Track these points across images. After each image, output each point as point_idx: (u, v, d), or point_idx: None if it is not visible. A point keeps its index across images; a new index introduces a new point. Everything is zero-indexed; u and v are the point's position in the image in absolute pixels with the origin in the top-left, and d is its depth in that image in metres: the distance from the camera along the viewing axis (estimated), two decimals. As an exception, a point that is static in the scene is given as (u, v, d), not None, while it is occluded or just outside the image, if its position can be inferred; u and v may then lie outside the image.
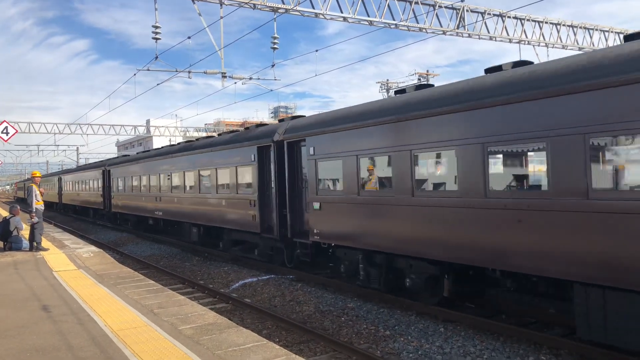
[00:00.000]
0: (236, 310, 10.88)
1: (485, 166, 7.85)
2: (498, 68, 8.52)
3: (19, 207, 16.65)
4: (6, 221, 15.27)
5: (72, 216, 43.01)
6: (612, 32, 28.07)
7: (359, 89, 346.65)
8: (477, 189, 7.99)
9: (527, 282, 8.06)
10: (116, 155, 73.69)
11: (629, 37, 7.07)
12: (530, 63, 8.20)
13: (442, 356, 7.62)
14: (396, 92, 10.88)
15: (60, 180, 48.07)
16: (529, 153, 7.68)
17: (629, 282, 6.19)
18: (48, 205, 51.61)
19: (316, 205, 11.94)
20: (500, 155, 8.01)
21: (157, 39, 19.48)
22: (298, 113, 79.65)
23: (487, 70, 8.84)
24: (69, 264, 12.63)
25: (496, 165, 8.09)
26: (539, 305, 8.81)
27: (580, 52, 9.60)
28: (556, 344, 7.64)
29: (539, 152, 7.31)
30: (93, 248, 16.31)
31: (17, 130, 18.68)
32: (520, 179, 7.94)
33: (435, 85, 10.42)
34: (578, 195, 6.68)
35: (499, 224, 7.72)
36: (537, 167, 7.58)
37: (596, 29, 27.69)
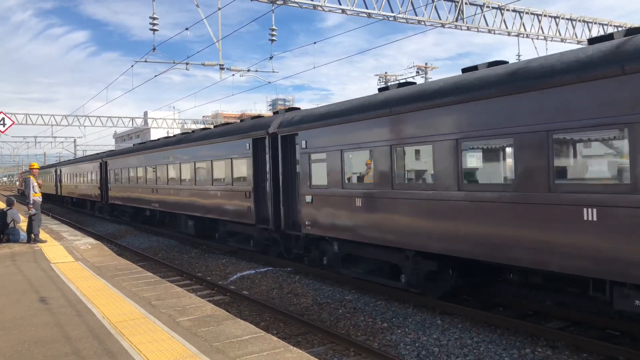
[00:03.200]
0: (234, 302, 10.90)
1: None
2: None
3: (15, 200, 16.62)
4: (3, 213, 15.25)
5: (70, 208, 42.72)
6: (610, 25, 27.99)
7: (358, 81, 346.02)
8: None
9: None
10: (113, 148, 73.57)
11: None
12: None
13: (439, 348, 7.65)
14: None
15: (58, 171, 47.46)
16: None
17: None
18: (47, 197, 51.50)
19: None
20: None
21: (154, 30, 19.39)
22: (296, 105, 79.44)
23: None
24: (66, 256, 12.63)
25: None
26: (537, 298, 8.86)
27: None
28: (553, 336, 7.67)
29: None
30: (91, 240, 16.30)
31: (14, 122, 18.58)
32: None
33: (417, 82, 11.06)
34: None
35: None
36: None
37: (595, 22, 27.61)
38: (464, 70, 9.17)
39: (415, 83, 10.70)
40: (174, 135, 22.91)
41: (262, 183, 14.31)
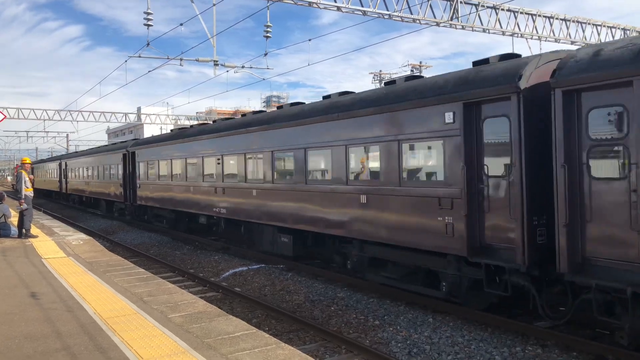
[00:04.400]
0: (226, 299, 10.90)
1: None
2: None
3: (5, 194, 16.53)
4: (-6, 208, 15.14)
5: (78, 208, 35.95)
6: (604, 26, 28.14)
7: (353, 79, 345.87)
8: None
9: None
10: (106, 143, 72.97)
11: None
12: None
13: (431, 346, 7.69)
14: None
15: (63, 165, 40.01)
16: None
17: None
18: (47, 194, 48.82)
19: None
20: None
21: (149, 25, 19.28)
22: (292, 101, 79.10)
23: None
24: (58, 251, 12.56)
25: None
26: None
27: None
28: (543, 335, 7.72)
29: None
30: (82, 235, 16.23)
31: (5, 116, 18.49)
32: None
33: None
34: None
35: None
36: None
37: (589, 23, 27.75)
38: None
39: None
40: (243, 115, 17.18)
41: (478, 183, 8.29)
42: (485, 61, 8.66)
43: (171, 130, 22.73)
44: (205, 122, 20.06)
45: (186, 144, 18.77)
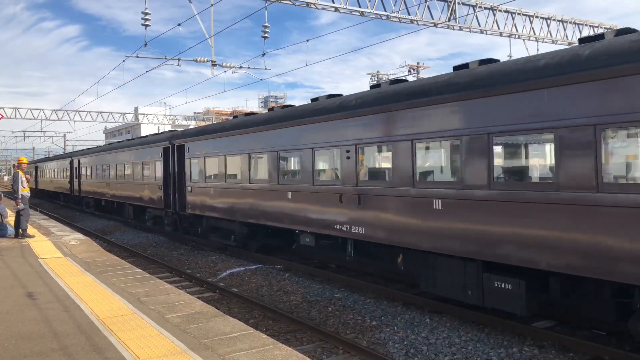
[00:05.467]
0: (223, 299, 10.89)
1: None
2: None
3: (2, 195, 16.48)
4: (-10, 208, 15.08)
5: (94, 214, 30.66)
6: (601, 27, 28.22)
7: (351, 80, 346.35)
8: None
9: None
10: (104, 143, 72.54)
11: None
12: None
13: (428, 347, 7.69)
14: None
15: (75, 164, 34.46)
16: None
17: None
18: (53, 196, 43.74)
19: None
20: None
21: (146, 25, 19.29)
22: (288, 103, 79.31)
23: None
24: (55, 251, 12.54)
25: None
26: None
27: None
28: (540, 336, 7.74)
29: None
30: (79, 236, 16.19)
31: (2, 116, 18.45)
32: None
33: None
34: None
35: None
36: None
37: (586, 24, 27.85)
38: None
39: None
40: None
41: None
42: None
43: (234, 117, 17.06)
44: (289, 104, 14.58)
45: (278, 131, 12.98)
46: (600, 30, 28.15)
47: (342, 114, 10.74)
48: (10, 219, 15.77)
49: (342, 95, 11.78)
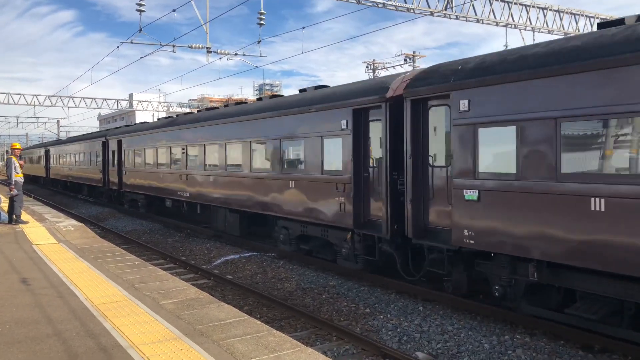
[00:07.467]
0: (218, 286, 10.93)
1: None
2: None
3: None
4: (-16, 193, 14.99)
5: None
6: (597, 18, 28.18)
7: (347, 68, 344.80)
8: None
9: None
10: (98, 129, 71.90)
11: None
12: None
13: (420, 334, 7.76)
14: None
15: (113, 146, 25.40)
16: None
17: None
18: (71, 188, 35.05)
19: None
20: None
21: (141, 11, 19.12)
22: (284, 92, 79.06)
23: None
24: (49, 237, 12.52)
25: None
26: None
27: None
28: (531, 324, 7.82)
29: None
30: (74, 222, 16.16)
31: (-5, 101, 18.25)
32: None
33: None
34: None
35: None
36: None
37: (582, 15, 27.79)
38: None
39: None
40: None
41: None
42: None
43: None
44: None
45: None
46: (596, 21, 28.13)
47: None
48: (4, 205, 15.71)
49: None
